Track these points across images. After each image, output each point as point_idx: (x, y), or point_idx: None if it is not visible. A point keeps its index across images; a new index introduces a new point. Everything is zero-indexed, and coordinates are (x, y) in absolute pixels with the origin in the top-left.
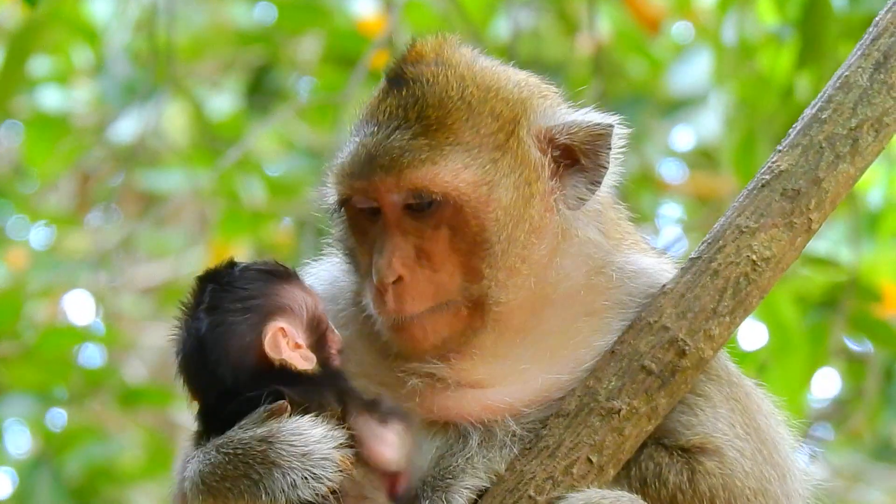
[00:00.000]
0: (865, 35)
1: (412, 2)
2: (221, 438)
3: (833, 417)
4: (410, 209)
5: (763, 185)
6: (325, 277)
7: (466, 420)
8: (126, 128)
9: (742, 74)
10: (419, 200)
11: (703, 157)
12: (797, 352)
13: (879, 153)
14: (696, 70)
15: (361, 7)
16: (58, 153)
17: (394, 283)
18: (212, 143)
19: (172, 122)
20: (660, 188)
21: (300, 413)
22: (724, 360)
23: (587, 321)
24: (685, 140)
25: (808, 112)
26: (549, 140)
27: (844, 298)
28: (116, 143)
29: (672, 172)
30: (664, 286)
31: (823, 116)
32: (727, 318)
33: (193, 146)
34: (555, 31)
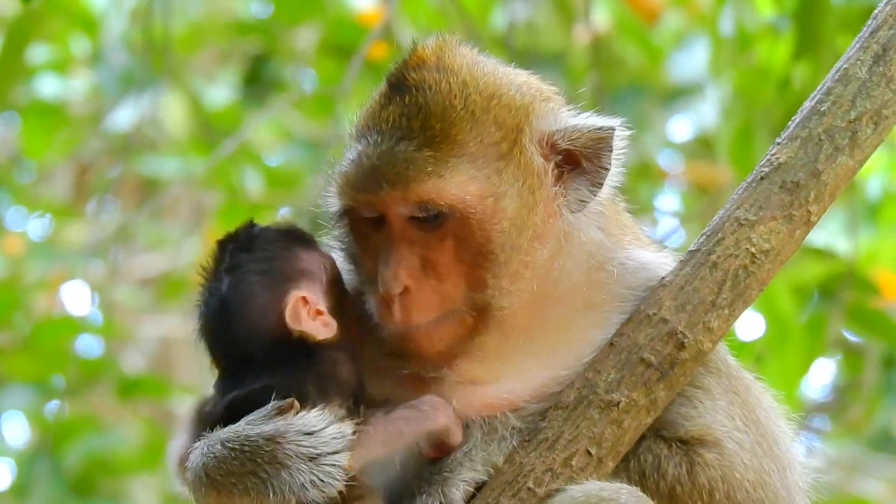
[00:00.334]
0: (864, 27)
1: None
2: (227, 433)
3: (831, 408)
4: (416, 220)
5: (762, 178)
6: None
7: (466, 416)
8: (123, 118)
9: (739, 65)
10: (425, 213)
11: (702, 146)
12: (794, 342)
13: (878, 145)
14: (695, 59)
15: None
16: (55, 142)
17: (400, 294)
18: (209, 134)
19: (169, 113)
20: (658, 178)
21: (315, 396)
22: (724, 354)
23: (587, 315)
24: (684, 129)
25: (807, 104)
26: (552, 145)
27: (842, 289)
28: (113, 133)
29: (671, 162)
30: (663, 278)
31: (822, 109)
32: (726, 311)
33: (190, 137)
34: (552, 22)
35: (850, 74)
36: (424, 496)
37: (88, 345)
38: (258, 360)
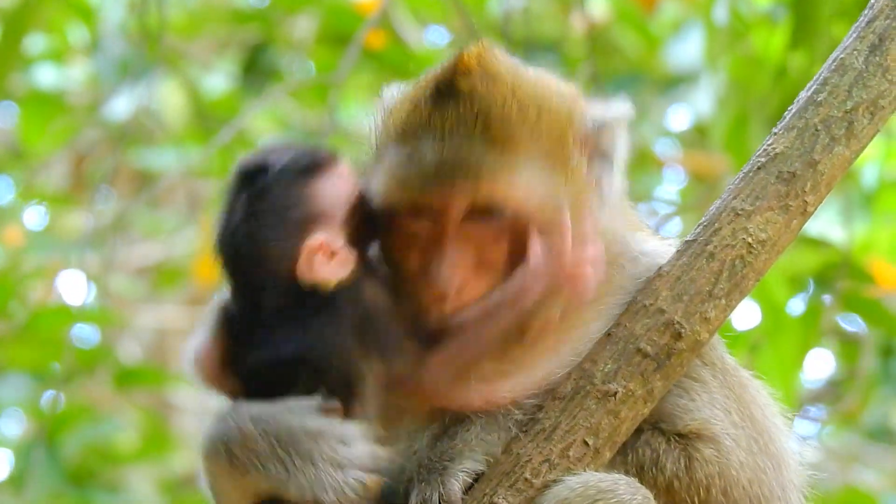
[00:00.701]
0: (861, 17)
1: None
2: (261, 412)
3: (827, 398)
4: (473, 219)
5: (759, 168)
6: None
7: (468, 410)
8: (120, 107)
9: (735, 54)
10: (489, 213)
11: (700, 135)
12: (790, 332)
13: (874, 136)
14: (692, 47)
15: None
16: (52, 131)
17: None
18: (206, 123)
19: (167, 102)
20: (656, 167)
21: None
22: (721, 351)
23: (593, 307)
24: (682, 118)
25: (804, 94)
26: (588, 144)
27: (837, 278)
28: (110, 122)
29: (668, 150)
30: (660, 268)
31: (819, 99)
32: (723, 301)
33: (188, 126)
34: (549, 10)
35: (847, 64)
36: (423, 485)
37: (85, 334)
38: (282, 309)
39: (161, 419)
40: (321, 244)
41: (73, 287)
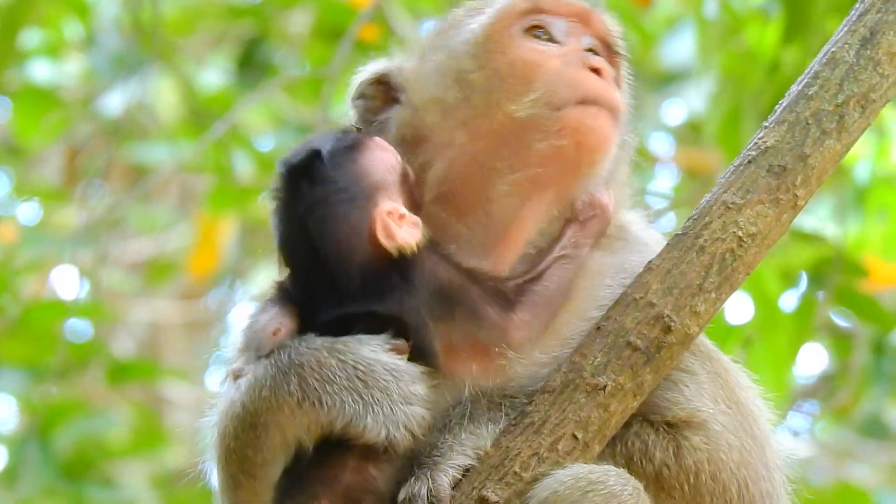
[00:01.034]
0: (852, 11)
1: None
2: (336, 343)
3: (820, 394)
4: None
5: (749, 162)
6: None
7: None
8: (114, 101)
9: (728, 49)
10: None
11: (693, 131)
12: (783, 327)
13: (865, 129)
14: (686, 43)
15: None
16: (46, 126)
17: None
18: (201, 118)
19: (162, 97)
20: (649, 162)
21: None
22: (701, 336)
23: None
24: (676, 114)
25: (795, 88)
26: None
27: (831, 274)
28: (104, 117)
29: (662, 147)
30: (650, 262)
31: (810, 92)
32: (713, 295)
33: (182, 121)
34: None
35: (838, 58)
36: (413, 479)
37: (78, 329)
38: (355, 289)
39: (154, 414)
40: (391, 210)
41: (67, 282)
